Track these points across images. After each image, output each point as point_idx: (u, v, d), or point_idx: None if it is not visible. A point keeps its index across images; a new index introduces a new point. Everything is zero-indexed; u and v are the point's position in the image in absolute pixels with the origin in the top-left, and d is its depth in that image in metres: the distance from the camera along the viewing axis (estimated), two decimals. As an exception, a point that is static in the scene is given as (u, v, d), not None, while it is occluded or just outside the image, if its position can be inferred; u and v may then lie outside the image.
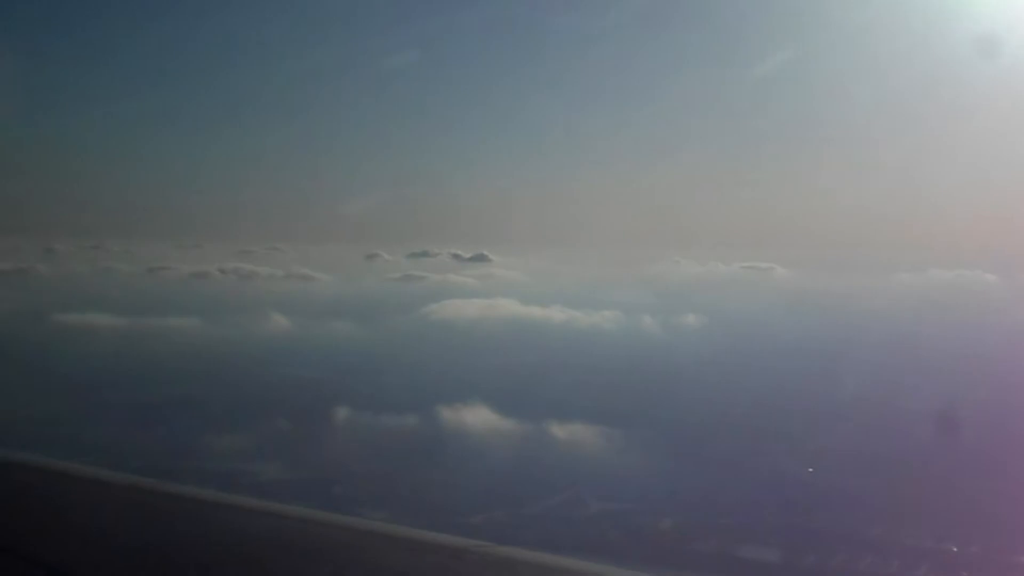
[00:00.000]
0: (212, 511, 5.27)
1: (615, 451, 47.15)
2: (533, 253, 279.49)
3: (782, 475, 43.85)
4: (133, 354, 76.04)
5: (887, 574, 32.11)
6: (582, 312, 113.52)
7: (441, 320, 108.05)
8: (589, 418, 50.99)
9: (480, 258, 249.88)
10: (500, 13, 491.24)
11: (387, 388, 60.96)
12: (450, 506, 35.66)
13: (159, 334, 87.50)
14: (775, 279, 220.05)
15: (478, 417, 51.30)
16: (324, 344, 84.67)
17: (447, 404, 53.40)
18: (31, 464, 6.32)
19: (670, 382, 71.08)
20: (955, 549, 33.67)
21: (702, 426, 53.92)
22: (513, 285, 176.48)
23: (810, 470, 44.54)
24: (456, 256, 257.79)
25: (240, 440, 45.25)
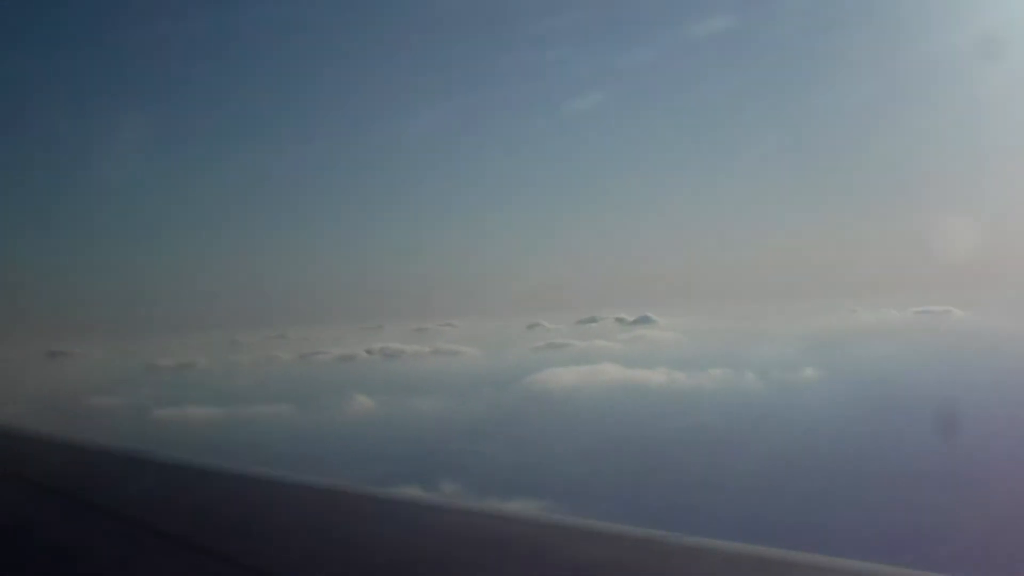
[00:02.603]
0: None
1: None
2: (704, 312, 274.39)
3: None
4: (203, 445, 78.24)
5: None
6: (686, 373, 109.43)
7: (535, 391, 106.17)
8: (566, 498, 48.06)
9: (644, 320, 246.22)
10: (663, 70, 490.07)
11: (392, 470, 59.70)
12: None
13: (241, 423, 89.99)
14: (951, 323, 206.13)
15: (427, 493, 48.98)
16: (381, 427, 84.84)
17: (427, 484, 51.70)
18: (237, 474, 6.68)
19: (729, 450, 66.70)
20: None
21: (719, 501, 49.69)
22: (658, 347, 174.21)
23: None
24: (620, 320, 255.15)
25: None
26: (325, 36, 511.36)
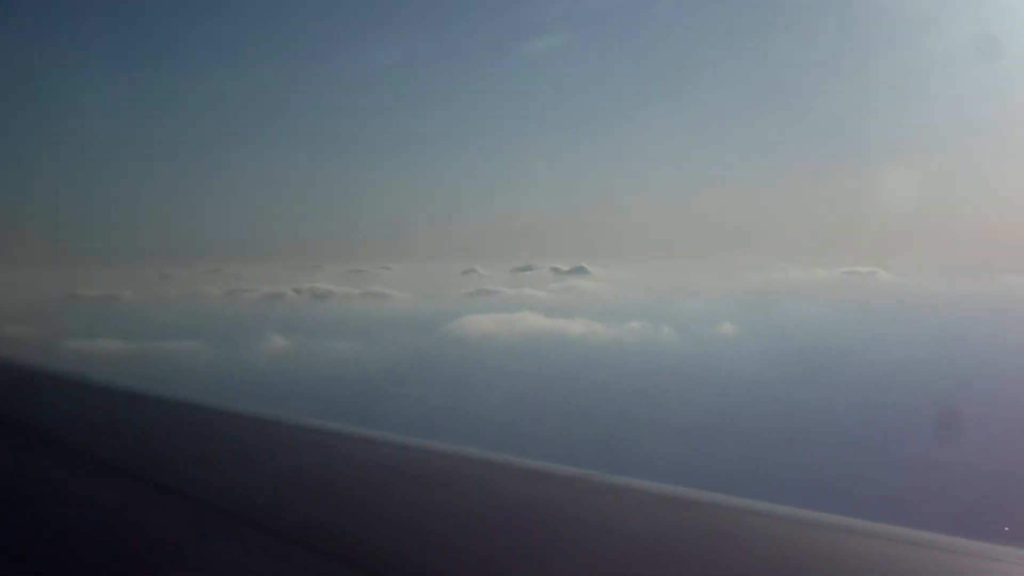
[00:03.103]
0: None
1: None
2: (639, 264, 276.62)
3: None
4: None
5: None
6: (605, 324, 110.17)
7: (453, 337, 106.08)
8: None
9: (579, 271, 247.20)
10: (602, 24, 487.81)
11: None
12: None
13: (147, 357, 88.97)
14: (876, 284, 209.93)
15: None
16: (288, 366, 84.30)
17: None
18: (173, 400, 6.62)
19: (631, 400, 67.14)
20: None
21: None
22: (587, 298, 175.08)
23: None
24: (555, 270, 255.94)
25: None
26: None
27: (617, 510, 3.85)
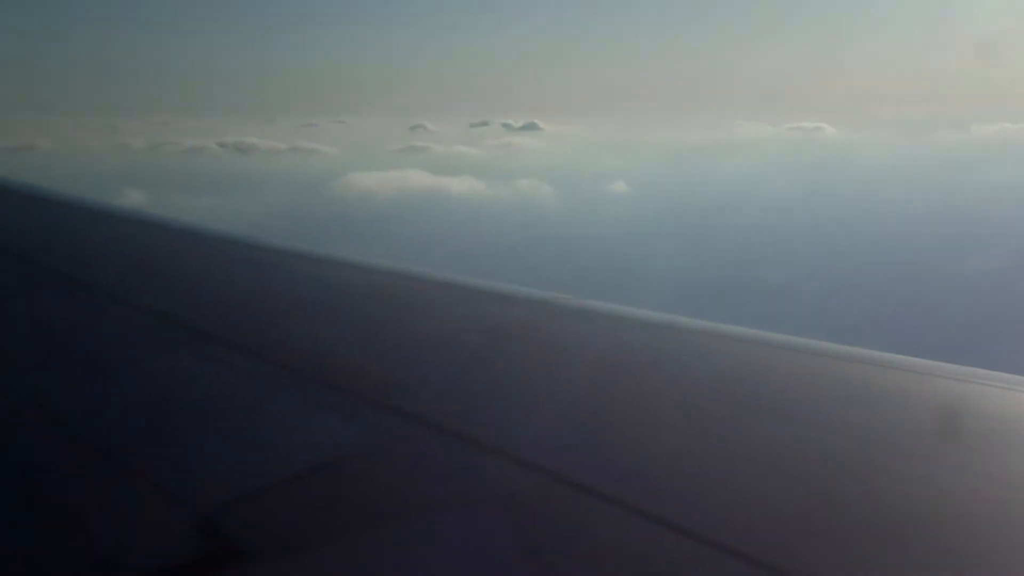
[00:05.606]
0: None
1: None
2: (598, 120, 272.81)
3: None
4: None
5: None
6: (486, 183, 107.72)
7: (333, 195, 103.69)
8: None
9: (530, 127, 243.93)
10: None
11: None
12: None
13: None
14: (819, 139, 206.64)
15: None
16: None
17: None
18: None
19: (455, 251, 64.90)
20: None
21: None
22: (516, 155, 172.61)
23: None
24: (506, 126, 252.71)
25: None
26: None
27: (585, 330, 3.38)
